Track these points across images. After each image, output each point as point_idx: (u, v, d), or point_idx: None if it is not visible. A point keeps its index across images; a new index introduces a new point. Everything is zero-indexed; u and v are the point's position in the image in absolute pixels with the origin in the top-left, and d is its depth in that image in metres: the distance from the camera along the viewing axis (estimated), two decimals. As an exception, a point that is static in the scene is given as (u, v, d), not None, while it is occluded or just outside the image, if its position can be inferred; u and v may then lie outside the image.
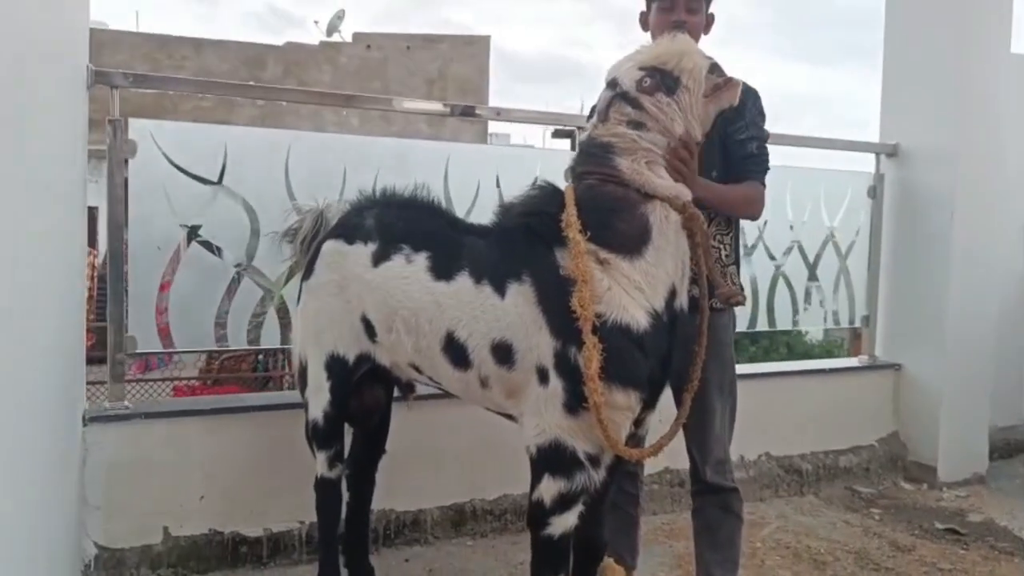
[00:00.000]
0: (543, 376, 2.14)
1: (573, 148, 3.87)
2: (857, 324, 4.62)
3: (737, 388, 2.78)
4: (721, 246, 2.59)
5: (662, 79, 2.13)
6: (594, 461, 2.15)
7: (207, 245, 3.14)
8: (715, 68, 2.19)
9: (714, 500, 2.73)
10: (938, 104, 4.40)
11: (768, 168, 2.63)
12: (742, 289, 2.40)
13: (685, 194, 2.17)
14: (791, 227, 4.34)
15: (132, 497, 2.97)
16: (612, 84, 2.19)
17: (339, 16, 18.51)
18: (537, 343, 2.14)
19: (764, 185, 2.60)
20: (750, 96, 2.59)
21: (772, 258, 4.28)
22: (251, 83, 4.50)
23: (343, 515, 2.82)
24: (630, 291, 2.09)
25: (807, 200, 4.38)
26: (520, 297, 2.17)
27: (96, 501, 2.92)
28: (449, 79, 17.62)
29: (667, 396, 2.35)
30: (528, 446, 2.19)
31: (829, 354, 10.63)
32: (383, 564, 3.11)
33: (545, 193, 2.26)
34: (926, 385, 4.44)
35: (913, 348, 4.50)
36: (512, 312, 2.18)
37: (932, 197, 4.40)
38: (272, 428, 3.14)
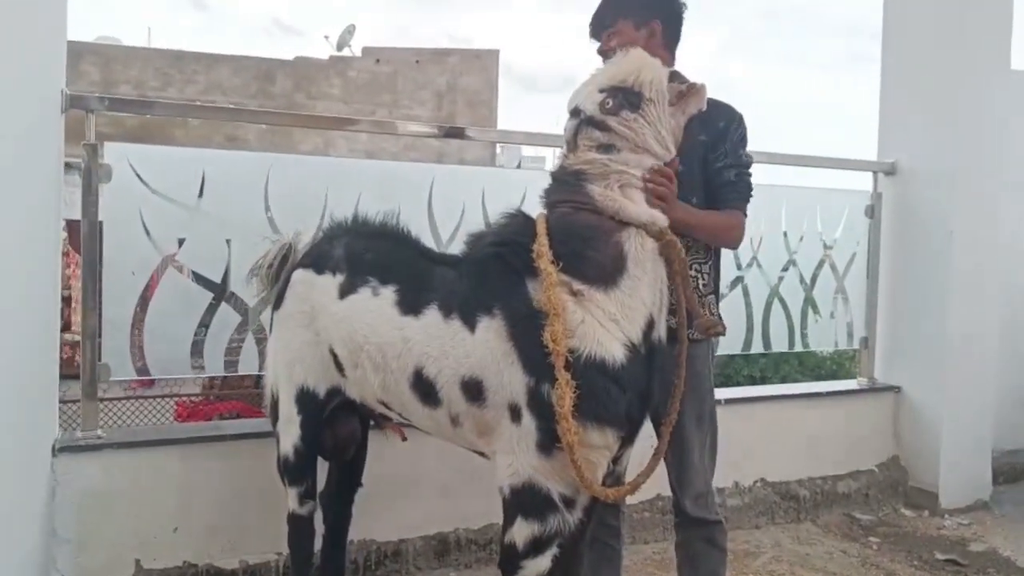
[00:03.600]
0: (515, 414, 2.06)
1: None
2: (855, 346, 4.52)
3: (717, 419, 2.70)
4: (699, 275, 2.51)
5: (624, 97, 2.06)
6: (569, 503, 2.06)
7: (182, 270, 3.08)
8: (675, 76, 2.12)
9: (697, 533, 2.64)
10: (937, 121, 4.31)
11: (750, 196, 2.56)
12: (721, 319, 2.31)
13: (661, 220, 2.09)
14: (787, 247, 4.25)
15: (103, 529, 2.90)
16: (575, 112, 2.12)
17: (349, 31, 18.58)
18: (509, 380, 2.06)
19: (745, 214, 2.53)
20: (733, 121, 2.52)
21: (767, 278, 4.19)
22: (230, 106, 4.44)
23: (318, 548, 2.73)
24: (605, 323, 2.01)
25: (803, 219, 4.29)
26: (490, 332, 2.09)
27: (66, 534, 2.85)
28: (458, 92, 17.63)
29: (647, 428, 2.27)
30: (501, 486, 2.10)
31: (840, 367, 10.43)
32: (363, 597, 3.03)
33: (516, 222, 2.18)
34: (927, 408, 4.34)
35: (913, 370, 4.40)
36: (482, 347, 2.09)
37: (931, 216, 4.30)
38: (248, 457, 3.07)
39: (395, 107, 17.04)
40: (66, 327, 7.28)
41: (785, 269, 4.25)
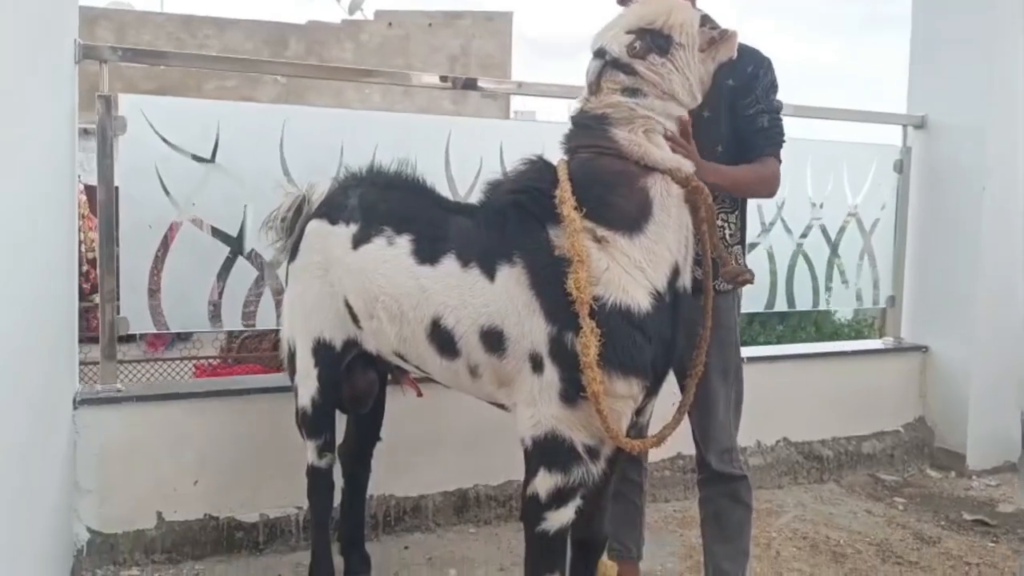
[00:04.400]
0: (537, 364, 2.01)
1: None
2: (882, 304, 4.44)
3: (743, 373, 2.65)
4: (725, 225, 2.44)
5: (652, 40, 1.98)
6: (593, 453, 2.02)
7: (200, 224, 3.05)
8: (707, 20, 2.05)
9: (721, 489, 2.60)
10: (969, 74, 4.17)
11: (783, 141, 2.49)
12: (749, 269, 2.24)
13: (687, 166, 2.02)
14: (812, 204, 4.15)
15: (125, 481, 2.90)
16: (600, 53, 2.04)
17: (362, -6, 18.37)
18: (530, 329, 2.01)
19: (779, 160, 2.46)
20: (762, 66, 2.44)
21: (791, 236, 4.10)
22: (243, 57, 4.32)
23: (337, 502, 2.73)
24: (630, 270, 1.96)
25: (829, 175, 4.18)
26: (511, 280, 2.04)
27: (88, 485, 2.86)
28: (472, 56, 17.46)
29: (670, 382, 2.22)
30: (523, 438, 2.06)
31: (859, 334, 10.35)
32: (382, 551, 3.02)
33: (536, 168, 2.11)
34: (955, 368, 4.26)
35: (941, 329, 4.31)
36: (502, 296, 2.05)
37: (962, 171, 4.18)
38: (268, 411, 3.05)
39: (408, 71, 16.90)
40: (93, 289, 7.31)
41: (810, 226, 4.16)
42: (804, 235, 4.14)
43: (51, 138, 2.51)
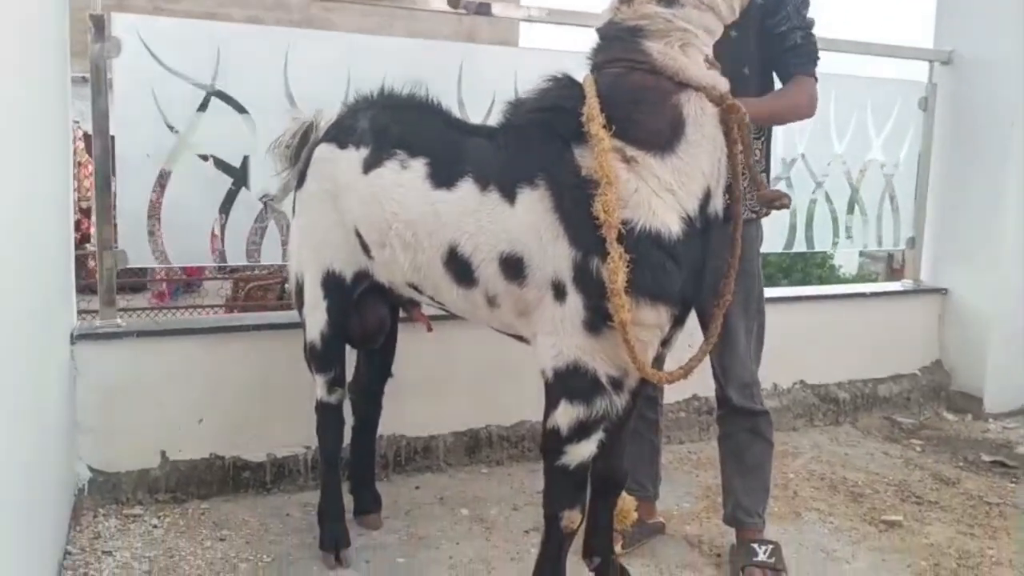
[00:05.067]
0: (560, 292, 1.91)
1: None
2: (902, 246, 4.33)
3: (765, 307, 2.56)
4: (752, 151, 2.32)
5: None
6: (617, 385, 1.92)
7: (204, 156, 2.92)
8: None
9: (742, 424, 2.54)
10: (999, 6, 4.00)
11: (818, 59, 2.40)
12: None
13: (723, 84, 1.89)
14: (834, 141, 4.01)
15: (127, 420, 2.81)
16: None
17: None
18: (553, 255, 1.90)
19: (815, 79, 2.34)
20: None
21: (812, 174, 3.97)
22: None
23: (347, 440, 2.65)
24: (660, 193, 1.84)
25: (852, 112, 4.04)
26: (533, 203, 1.92)
27: (89, 424, 2.77)
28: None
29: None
30: (543, 369, 1.96)
31: None
32: (392, 491, 2.96)
33: (561, 85, 1.97)
34: (974, 311, 4.16)
35: (962, 271, 4.20)
36: (524, 221, 1.93)
37: (990, 109, 4.03)
38: (274, 348, 2.96)
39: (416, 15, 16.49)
40: (84, 239, 7.19)
41: (831, 164, 4.03)
42: (825, 174, 4.00)
43: (43, 65, 2.37)
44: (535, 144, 1.96)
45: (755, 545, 2.42)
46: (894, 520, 2.86)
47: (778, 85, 2.41)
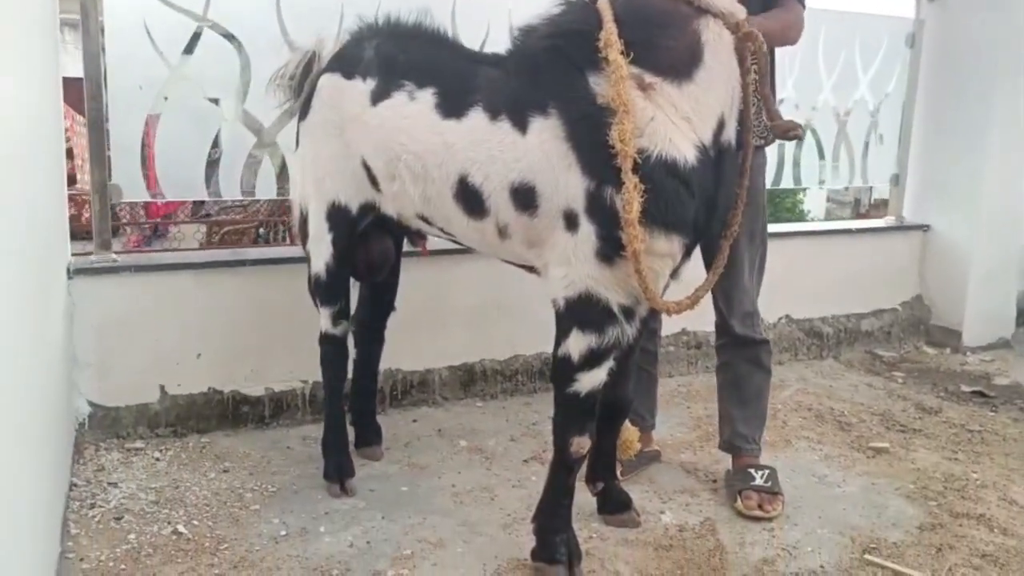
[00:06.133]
0: (571, 221, 1.91)
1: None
2: (885, 183, 4.38)
3: (767, 237, 2.60)
4: None
5: None
6: (628, 313, 1.95)
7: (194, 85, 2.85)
8: None
9: (742, 353, 2.59)
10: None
11: None
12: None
13: (740, 11, 1.88)
14: (823, 77, 4.02)
15: (125, 354, 2.80)
16: None
17: None
18: (565, 184, 1.90)
19: (803, 5, 2.34)
20: None
21: (798, 109, 3.98)
22: None
23: (349, 373, 2.66)
24: (676, 121, 1.84)
25: (840, 48, 4.04)
26: (545, 132, 1.91)
27: (87, 358, 2.76)
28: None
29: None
30: (555, 299, 1.98)
31: None
32: (390, 424, 2.99)
33: (575, 9, 1.95)
34: (955, 247, 4.24)
35: (943, 209, 4.28)
36: (536, 150, 1.92)
37: (977, 47, 4.06)
38: (271, 284, 2.95)
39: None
40: (70, 181, 7.01)
41: (819, 101, 4.05)
42: (813, 108, 4.02)
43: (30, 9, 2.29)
44: (547, 71, 1.94)
45: (752, 470, 2.50)
46: (881, 447, 2.95)
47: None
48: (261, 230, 8.33)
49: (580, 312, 1.94)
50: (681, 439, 3.02)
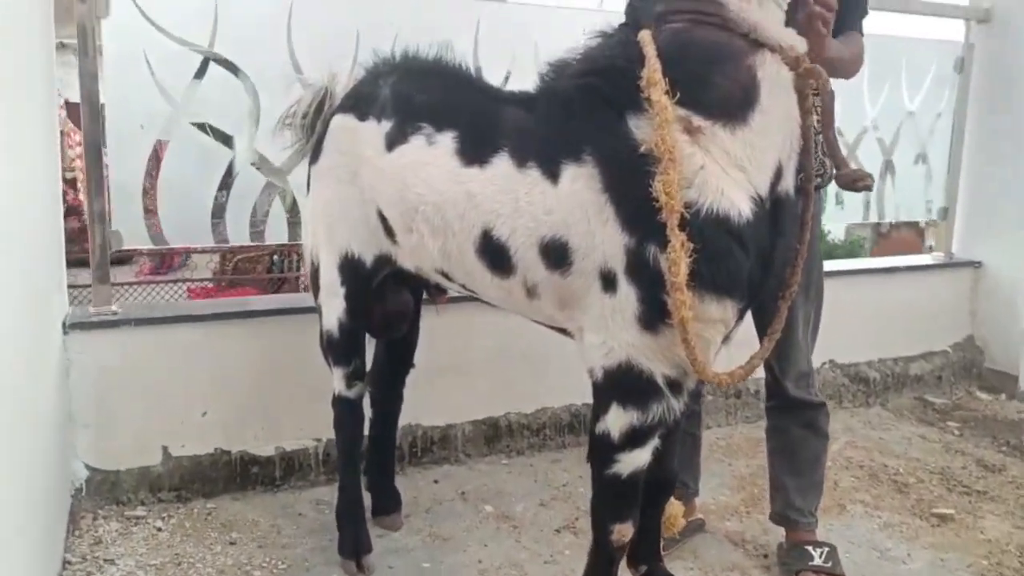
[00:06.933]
0: (609, 282, 1.70)
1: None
2: (934, 216, 4.13)
3: (823, 289, 2.38)
4: None
5: None
6: (675, 387, 1.72)
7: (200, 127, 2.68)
8: None
9: (797, 417, 2.36)
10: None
11: (867, 11, 2.19)
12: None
13: (801, 45, 1.67)
14: (866, 105, 3.80)
15: (126, 414, 2.61)
16: None
17: None
18: (602, 240, 1.68)
19: (863, 34, 2.14)
20: None
21: (842, 138, 3.75)
22: None
23: (366, 434, 2.45)
24: (729, 170, 1.62)
25: (887, 73, 3.81)
26: (580, 182, 1.70)
27: (85, 418, 2.57)
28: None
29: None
30: (592, 368, 1.76)
31: (851, 255, 9.96)
32: (410, 485, 2.77)
33: (614, 42, 1.74)
34: (1009, 284, 3.98)
35: (996, 243, 4.02)
36: (569, 201, 1.71)
37: (1030, 71, 3.82)
38: (281, 335, 2.76)
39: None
40: (68, 212, 6.91)
41: (865, 129, 3.83)
42: (858, 140, 3.79)
43: (25, 36, 2.12)
44: (582, 113, 1.73)
45: (809, 548, 2.25)
46: (945, 513, 2.70)
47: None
48: (276, 257, 8.19)
49: (620, 384, 1.72)
50: (725, 503, 2.78)
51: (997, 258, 4.03)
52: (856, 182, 1.75)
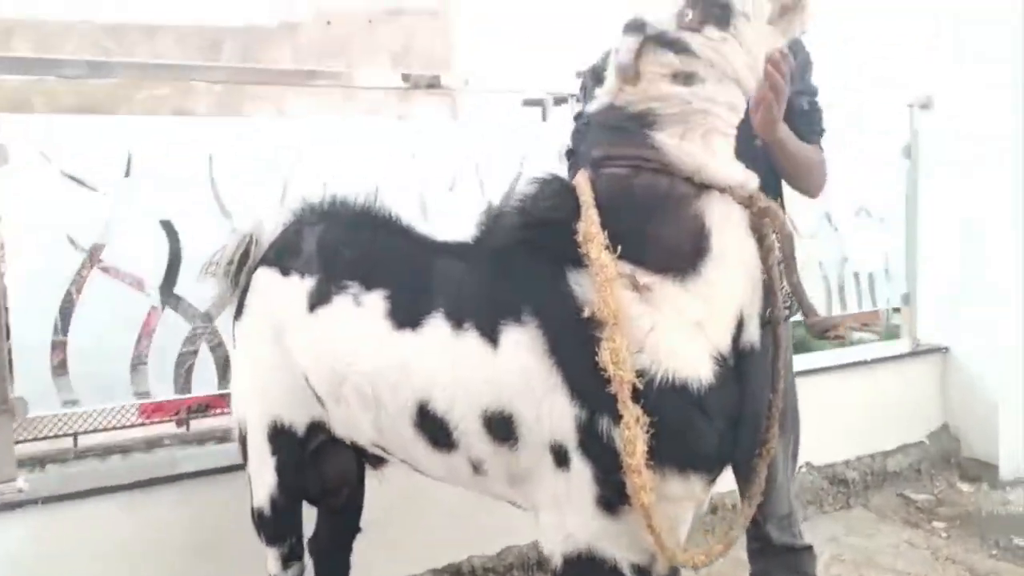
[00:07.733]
0: (561, 458, 1.51)
1: (544, 119, 3.23)
2: (896, 304, 4.04)
3: (799, 415, 2.21)
4: None
5: (709, 7, 1.47)
6: (643, 574, 1.52)
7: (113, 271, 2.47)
8: None
9: (782, 562, 2.18)
10: (975, 48, 3.77)
11: (824, 130, 2.07)
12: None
13: (752, 181, 1.53)
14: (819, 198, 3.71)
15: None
16: (637, 27, 1.52)
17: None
18: (549, 411, 1.51)
19: (822, 149, 2.02)
20: (795, 40, 1.97)
21: (798, 234, 3.63)
22: (154, 61, 3.37)
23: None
24: (683, 329, 1.46)
25: (836, 166, 3.73)
26: (521, 346, 1.52)
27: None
28: (414, 54, 16.76)
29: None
30: (550, 554, 1.56)
31: (819, 346, 9.88)
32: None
33: (550, 190, 1.59)
34: (979, 369, 3.88)
35: (962, 327, 3.92)
36: (510, 368, 1.53)
37: (979, 148, 3.76)
38: (214, 499, 2.49)
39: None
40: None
41: (819, 222, 3.75)
42: (812, 235, 3.71)
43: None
44: (520, 269, 1.57)
45: None
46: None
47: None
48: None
49: (582, 573, 1.52)
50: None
51: (964, 343, 3.93)
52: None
